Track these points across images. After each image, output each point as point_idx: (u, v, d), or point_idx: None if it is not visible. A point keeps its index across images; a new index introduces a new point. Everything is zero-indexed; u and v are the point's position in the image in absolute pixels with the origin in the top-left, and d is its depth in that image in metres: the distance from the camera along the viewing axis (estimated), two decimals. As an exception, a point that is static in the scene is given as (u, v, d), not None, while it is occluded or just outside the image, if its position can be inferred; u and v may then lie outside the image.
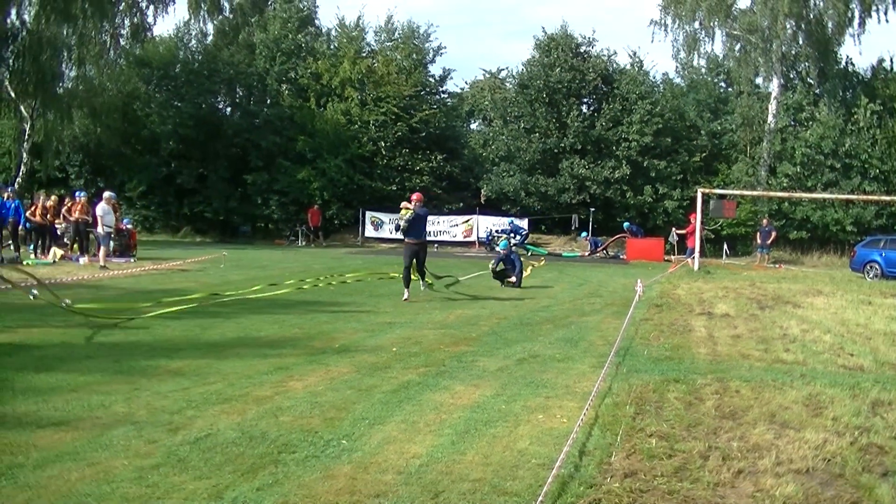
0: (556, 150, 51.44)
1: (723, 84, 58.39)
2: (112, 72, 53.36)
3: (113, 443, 8.16)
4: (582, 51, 53.78)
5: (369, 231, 52.97)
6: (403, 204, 21.38)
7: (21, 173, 48.23)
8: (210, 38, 59.12)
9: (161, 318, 16.47)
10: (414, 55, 56.81)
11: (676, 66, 59.45)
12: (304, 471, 7.47)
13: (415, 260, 21.24)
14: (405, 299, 20.71)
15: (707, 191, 40.49)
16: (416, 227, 21.19)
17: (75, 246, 32.74)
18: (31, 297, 17.07)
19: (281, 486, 7.05)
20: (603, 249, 46.85)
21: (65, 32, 46.77)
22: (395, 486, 7.11)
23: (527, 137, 52.00)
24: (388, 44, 58.33)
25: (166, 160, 55.72)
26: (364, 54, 57.29)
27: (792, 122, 51.25)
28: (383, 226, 52.55)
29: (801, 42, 50.92)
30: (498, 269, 25.43)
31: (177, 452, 7.88)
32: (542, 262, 37.03)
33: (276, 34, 56.92)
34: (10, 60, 46.92)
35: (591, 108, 53.78)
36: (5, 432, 8.33)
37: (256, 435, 8.49)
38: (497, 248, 25.09)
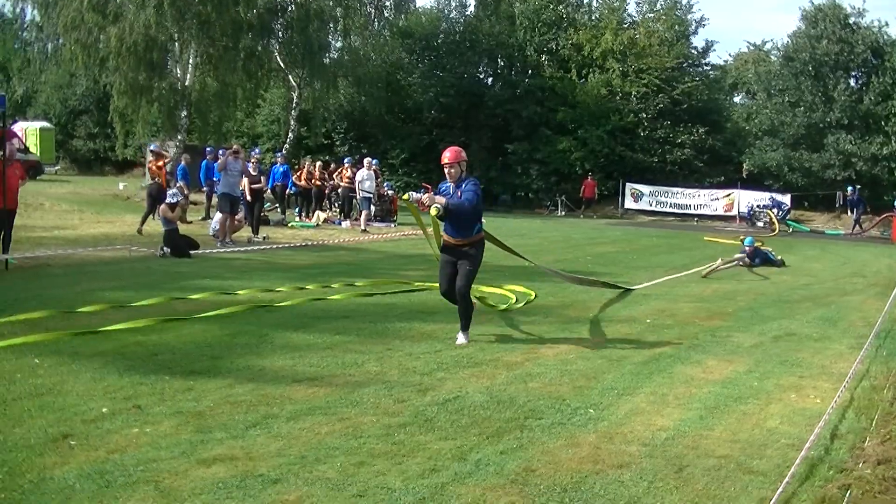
0: (821, 125, 49.47)
1: None
2: (376, 42, 54.43)
3: (363, 400, 8.38)
4: (851, 22, 51.45)
5: (629, 202, 52.45)
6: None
7: (289, 140, 49.83)
8: (471, 9, 59.60)
9: (418, 282, 16.79)
10: (676, 27, 55.74)
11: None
12: (549, 437, 7.48)
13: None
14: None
15: None
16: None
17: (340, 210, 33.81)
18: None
19: (525, 451, 7.08)
20: (860, 226, 44.68)
21: (331, 4, 47.95)
22: (639, 458, 7.03)
23: (791, 111, 50.22)
24: (649, 15, 57.37)
25: (428, 129, 56.61)
26: (626, 25, 56.60)
27: None
28: (643, 198, 51.95)
29: None
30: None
31: (424, 413, 8.02)
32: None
33: (536, 5, 56.80)
34: (280, 32, 48.51)
35: (860, 82, 51.35)
36: (263, 385, 8.68)
37: (504, 399, 8.55)
38: (744, 244, 23.87)
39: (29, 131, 59.13)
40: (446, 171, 11.31)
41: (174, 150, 42.75)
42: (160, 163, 27.76)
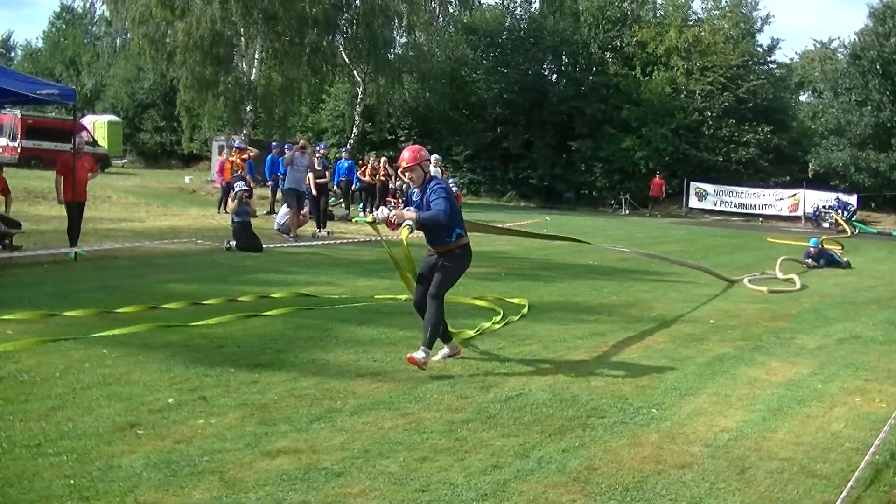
0: (888, 124, 48.74)
1: None
2: (441, 38, 54.56)
3: (426, 396, 8.43)
4: (920, 19, 50.87)
5: (693, 201, 52.08)
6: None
7: (354, 135, 50.05)
8: (535, 5, 59.57)
9: (481, 280, 16.81)
10: (741, 24, 55.35)
11: None
12: (612, 436, 7.48)
13: None
14: None
15: None
16: None
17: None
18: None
19: (587, 450, 7.08)
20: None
21: (396, 1, 48.11)
22: (702, 459, 7.01)
23: (858, 110, 49.53)
24: (714, 12, 57.03)
25: (492, 125, 56.70)
26: (690, 23, 56.27)
27: None
28: (708, 197, 51.57)
29: None
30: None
31: (487, 409, 8.04)
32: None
33: (601, 2, 56.68)
34: (345, 27, 48.74)
35: (929, 81, 50.82)
36: (327, 379, 8.75)
37: (567, 398, 8.56)
38: (809, 245, 23.59)
39: (97, 125, 59.86)
40: (406, 176, 10.23)
41: (240, 143, 43.13)
42: (244, 156, 28.18)
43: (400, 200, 35.08)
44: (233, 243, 20.35)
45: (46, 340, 9.91)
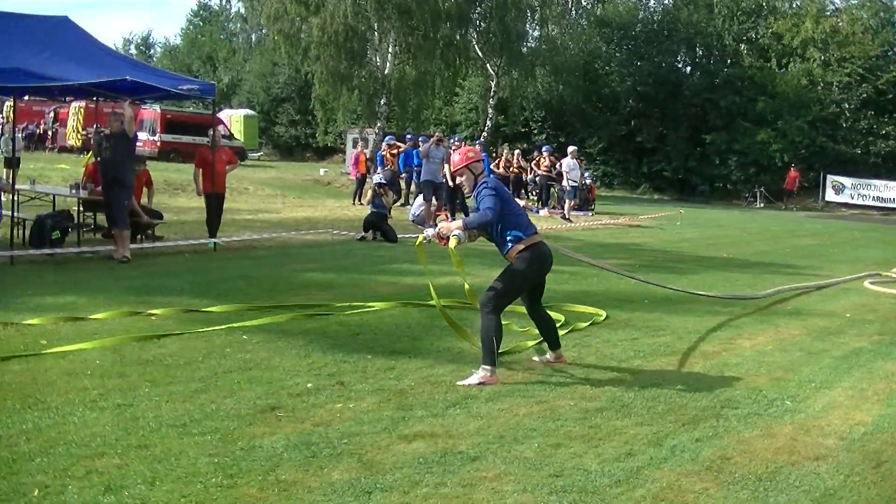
0: None
1: None
2: (573, 31, 54.49)
3: (561, 384, 8.49)
4: None
5: (830, 195, 51.09)
6: None
7: (487, 128, 50.21)
8: (669, -3, 59.15)
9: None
10: (881, 13, 54.15)
11: None
12: (745, 427, 7.45)
13: None
14: None
15: None
16: None
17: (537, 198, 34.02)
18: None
19: (720, 440, 7.07)
20: None
21: (529, -6, 48.19)
22: (836, 451, 6.94)
23: None
24: (852, 2, 55.89)
25: (626, 118, 56.39)
26: (827, 13, 55.18)
27: None
28: (845, 190, 50.55)
29: None
30: None
31: (621, 398, 8.07)
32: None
33: (735, -6, 56.07)
34: (478, 21, 48.98)
35: None
36: (462, 366, 8.84)
37: (701, 388, 8.53)
38: None
39: (234, 118, 60.99)
40: (458, 182, 9.64)
41: (373, 136, 43.65)
42: (394, 151, 28.65)
43: (533, 192, 35.19)
44: (368, 234, 20.64)
45: (191, 330, 10.22)
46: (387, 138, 33.64)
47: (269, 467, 6.05)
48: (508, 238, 8.68)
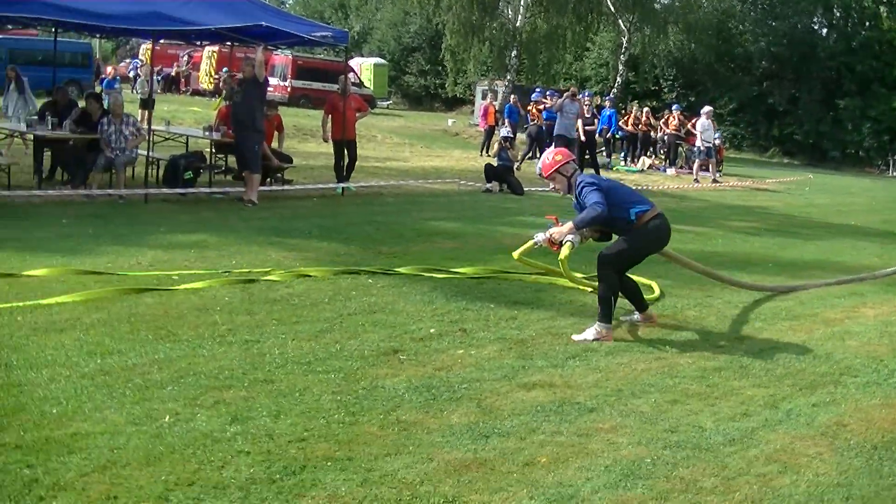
0: None
1: None
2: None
3: (679, 341, 8.56)
4: None
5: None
6: None
7: (617, 84, 49.74)
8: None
9: (742, 234, 16.65)
10: None
11: None
12: (863, 395, 7.39)
13: None
14: None
15: None
16: None
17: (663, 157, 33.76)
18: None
19: (837, 406, 7.04)
20: None
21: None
22: (957, 426, 6.87)
23: None
24: None
25: (758, 79, 55.24)
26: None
27: None
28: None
29: None
30: None
31: (740, 360, 8.06)
32: None
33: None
34: (613, -24, 48.53)
35: None
36: (584, 320, 8.84)
37: (820, 354, 8.47)
38: None
39: (364, 67, 61.26)
40: (552, 187, 9.18)
41: (502, 90, 43.61)
42: (540, 107, 28.81)
43: (661, 151, 34.82)
44: (493, 186, 20.74)
45: (326, 273, 10.45)
46: (534, 94, 33.57)
47: (389, 407, 6.23)
48: (632, 216, 8.45)
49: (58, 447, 5.23)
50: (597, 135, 29.67)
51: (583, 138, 25.58)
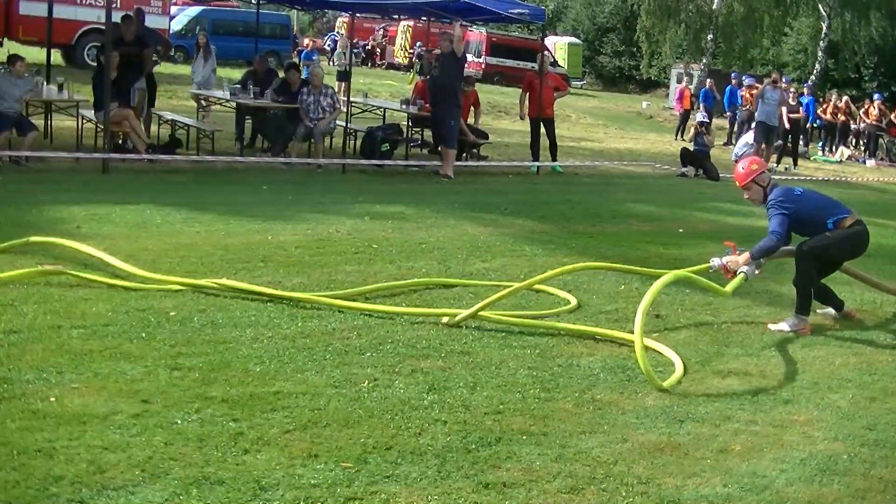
0: None
1: None
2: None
3: (880, 341, 8.31)
4: None
5: None
6: None
7: (816, 71, 48.45)
8: None
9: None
10: None
11: None
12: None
13: None
14: None
15: None
16: None
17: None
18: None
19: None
20: None
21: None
22: None
23: None
24: None
25: (970, 71, 53.19)
26: None
27: None
28: None
29: None
30: None
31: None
32: None
33: None
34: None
35: None
36: (780, 310, 8.73)
37: None
38: None
39: (558, 46, 61.08)
40: (746, 196, 8.70)
41: (698, 73, 42.99)
42: (753, 91, 28.49)
43: (861, 142, 33.76)
44: (689, 170, 20.49)
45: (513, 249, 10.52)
46: (746, 79, 32.90)
47: (585, 386, 6.28)
48: (830, 224, 8.14)
49: (261, 404, 5.45)
50: (807, 123, 29.05)
51: (787, 125, 25.06)
